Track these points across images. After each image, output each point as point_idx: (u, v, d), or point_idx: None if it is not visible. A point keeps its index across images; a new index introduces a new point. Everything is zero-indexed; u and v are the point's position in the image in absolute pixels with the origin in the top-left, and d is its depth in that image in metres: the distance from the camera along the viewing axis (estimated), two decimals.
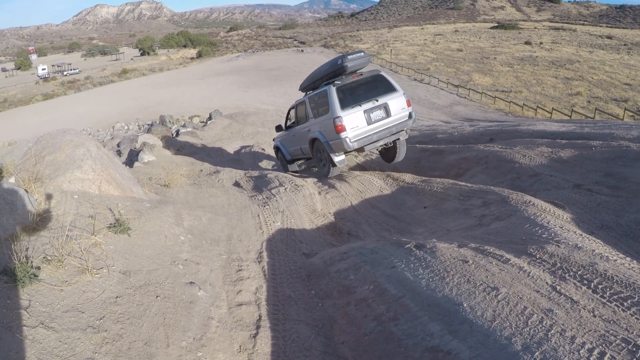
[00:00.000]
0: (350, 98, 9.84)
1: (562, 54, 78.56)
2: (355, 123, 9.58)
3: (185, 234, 6.18)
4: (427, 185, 8.62)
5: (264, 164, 17.52)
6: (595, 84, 53.85)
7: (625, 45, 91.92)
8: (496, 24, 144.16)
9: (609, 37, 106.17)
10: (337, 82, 10.04)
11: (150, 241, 5.50)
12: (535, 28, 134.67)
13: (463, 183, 8.27)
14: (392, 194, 8.98)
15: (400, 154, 11.22)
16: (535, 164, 9.05)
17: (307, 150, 11.58)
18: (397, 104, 10.03)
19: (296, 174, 12.01)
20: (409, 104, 10.25)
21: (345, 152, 10.18)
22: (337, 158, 10.12)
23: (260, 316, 4.76)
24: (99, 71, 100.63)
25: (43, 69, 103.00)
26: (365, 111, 9.68)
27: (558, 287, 3.65)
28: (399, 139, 10.58)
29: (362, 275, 4.89)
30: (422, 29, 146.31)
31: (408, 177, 9.55)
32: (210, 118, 35.37)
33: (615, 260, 4.06)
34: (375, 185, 9.46)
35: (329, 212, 8.53)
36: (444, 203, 7.65)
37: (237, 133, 28.12)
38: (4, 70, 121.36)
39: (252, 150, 20.57)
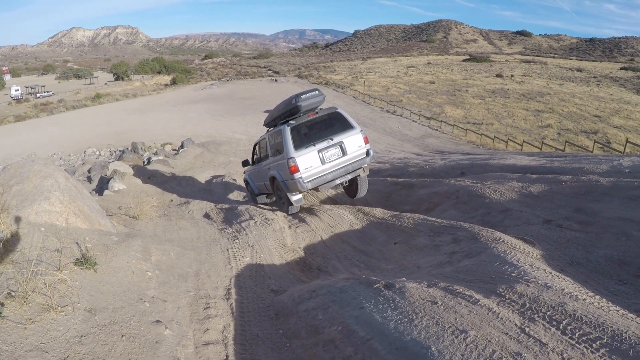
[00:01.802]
0: (305, 138, 9.94)
1: (532, 86, 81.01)
2: (309, 163, 9.62)
3: (153, 270, 6.08)
4: (397, 221, 8.66)
5: (235, 194, 17.43)
6: (566, 116, 55.43)
7: (594, 77, 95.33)
8: (468, 57, 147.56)
9: (579, 70, 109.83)
10: (292, 122, 10.07)
11: (117, 277, 5.39)
12: (506, 61, 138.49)
13: (433, 218, 8.33)
14: (362, 229, 8.99)
15: (362, 190, 11.22)
16: (506, 199, 9.21)
17: (270, 186, 11.59)
18: (354, 142, 10.04)
19: (266, 207, 11.96)
20: (366, 141, 10.25)
21: (301, 192, 10.18)
22: (294, 197, 10.17)
23: (227, 356, 4.68)
24: (73, 94, 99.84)
25: (16, 90, 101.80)
26: (319, 151, 9.71)
27: (527, 329, 3.66)
28: (358, 175, 10.60)
29: (330, 316, 4.84)
30: (395, 60, 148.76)
31: (379, 212, 9.57)
32: (182, 146, 35.17)
33: (585, 299, 4.10)
34: (346, 219, 9.46)
35: (299, 247, 8.49)
36: (414, 239, 7.69)
37: (208, 162, 27.96)
38: None
39: (224, 180, 20.48)
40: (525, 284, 4.53)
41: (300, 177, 9.52)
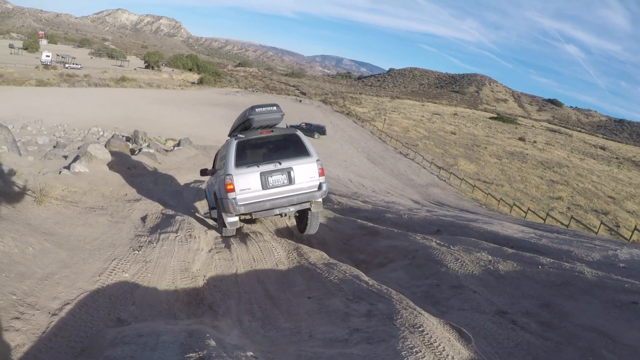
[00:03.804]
0: (250, 156, 8.70)
1: (553, 156, 79.61)
2: (247, 185, 8.38)
3: None
4: (327, 271, 7.28)
5: (203, 203, 16.15)
6: (579, 192, 53.80)
7: (617, 158, 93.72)
8: (496, 115, 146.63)
9: (603, 148, 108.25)
10: (241, 136, 8.90)
11: None
12: (532, 126, 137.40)
13: (366, 278, 6.89)
14: (286, 272, 7.65)
15: (312, 227, 9.90)
16: (465, 272, 7.67)
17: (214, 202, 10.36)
18: (305, 172, 8.76)
19: (213, 222, 10.75)
20: (321, 173, 8.93)
21: (237, 215, 8.89)
22: (229, 219, 8.88)
23: None
24: (100, 72, 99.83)
25: (47, 56, 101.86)
26: (262, 173, 8.45)
27: None
28: (309, 210, 9.31)
29: None
30: (422, 105, 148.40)
31: (314, 256, 8.21)
32: (178, 144, 34.08)
33: None
34: (275, 256, 8.15)
35: (204, 275, 7.21)
36: (330, 298, 6.28)
37: (199, 166, 26.82)
38: (11, 46, 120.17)
39: (201, 186, 19.24)
40: None
41: (234, 198, 8.27)
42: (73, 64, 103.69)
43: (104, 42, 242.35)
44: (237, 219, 8.92)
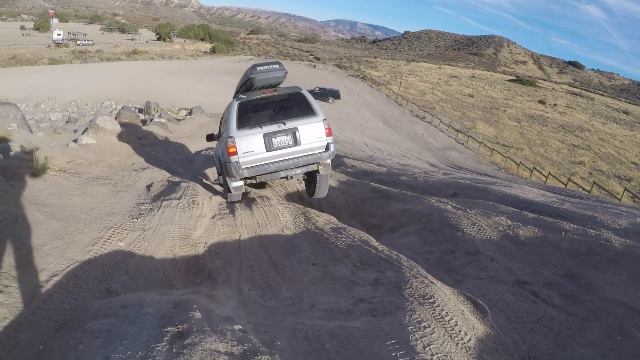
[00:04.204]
0: (253, 117, 8.27)
1: (574, 119, 77.50)
2: (250, 147, 7.97)
3: None
4: (334, 236, 6.91)
5: (211, 171, 15.85)
6: (601, 157, 52.45)
7: None
8: (515, 78, 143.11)
9: (626, 112, 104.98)
10: (242, 97, 8.44)
11: None
12: (553, 89, 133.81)
13: (376, 243, 6.47)
14: (292, 237, 7.31)
15: (321, 190, 9.51)
16: (482, 237, 7.22)
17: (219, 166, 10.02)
18: (311, 131, 8.28)
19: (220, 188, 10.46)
20: (328, 133, 8.43)
21: (242, 179, 8.52)
22: (233, 184, 8.49)
23: None
24: (112, 47, 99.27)
25: (58, 34, 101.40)
26: (266, 135, 8.00)
27: None
28: (318, 172, 8.89)
29: (80, 354, 3.38)
30: (439, 68, 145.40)
31: (322, 221, 7.84)
32: (190, 113, 33.75)
33: None
34: (280, 221, 7.82)
35: (206, 242, 6.91)
36: (335, 265, 5.91)
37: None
38: (22, 28, 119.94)
39: (212, 154, 18.95)
40: None
41: (237, 162, 7.88)
42: (84, 40, 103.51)
43: (114, 17, 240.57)
44: (241, 183, 8.57)
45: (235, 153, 7.85)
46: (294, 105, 8.46)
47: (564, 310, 4.94)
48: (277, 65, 8.57)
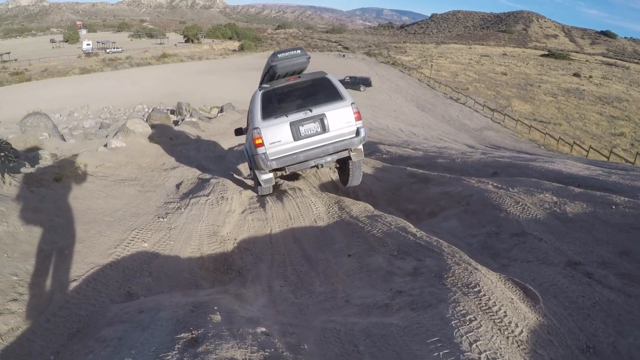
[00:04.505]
0: (277, 106, 7.87)
1: (611, 90, 74.50)
2: (277, 137, 7.58)
3: None
4: (369, 224, 6.47)
5: (244, 166, 15.66)
6: None
7: None
8: (547, 52, 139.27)
9: None
10: (265, 86, 8.10)
11: None
12: (586, 61, 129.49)
13: (414, 230, 6.02)
14: (325, 228, 6.92)
15: (354, 178, 9.07)
16: (527, 217, 6.64)
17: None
18: (340, 117, 7.83)
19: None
20: (358, 118, 7.95)
21: (271, 171, 8.21)
22: (263, 176, 8.16)
23: None
24: (141, 52, 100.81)
25: (87, 44, 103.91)
26: (292, 123, 7.60)
27: None
28: (350, 159, 8.45)
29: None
30: (470, 48, 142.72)
31: (356, 209, 7.42)
32: (221, 111, 33.76)
33: None
34: (313, 212, 7.44)
35: (235, 239, 6.62)
36: (371, 256, 5.48)
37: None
38: (52, 41, 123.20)
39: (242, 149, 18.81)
40: None
41: (264, 153, 7.53)
42: (114, 48, 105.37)
43: (141, 23, 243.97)
44: (271, 175, 8.25)
45: (262, 144, 7.51)
46: (319, 91, 8.07)
47: (622, 292, 4.40)
48: (298, 51, 8.20)
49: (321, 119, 7.68)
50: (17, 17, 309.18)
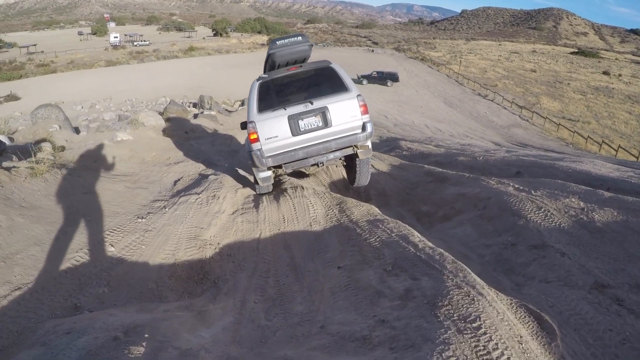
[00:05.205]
0: (275, 98, 7.16)
1: None
2: (273, 132, 6.86)
3: None
4: (368, 231, 5.74)
5: None
6: None
7: None
8: (577, 50, 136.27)
9: None
10: (263, 76, 7.42)
11: None
12: (616, 59, 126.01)
13: (416, 239, 5.20)
14: (320, 233, 6.21)
15: (362, 177, 8.29)
16: (550, 225, 5.84)
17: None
18: (344, 110, 7.04)
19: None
20: (364, 111, 7.14)
21: (270, 169, 7.52)
22: (261, 174, 7.48)
23: None
24: (168, 45, 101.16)
25: (115, 37, 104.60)
26: (291, 117, 6.86)
27: None
28: (357, 157, 7.69)
29: None
30: (499, 45, 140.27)
31: (358, 212, 6.66)
32: (242, 104, 33.36)
33: None
34: (310, 215, 6.72)
35: (218, 243, 5.98)
36: (363, 269, 4.74)
37: None
38: (80, 34, 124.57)
39: None
40: None
41: (259, 150, 6.85)
42: (141, 41, 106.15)
43: (171, 16, 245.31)
44: (269, 173, 7.56)
45: (257, 140, 6.84)
46: (322, 82, 7.32)
47: None
48: (299, 38, 7.50)
49: (323, 112, 6.94)
50: (45, 9, 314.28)
